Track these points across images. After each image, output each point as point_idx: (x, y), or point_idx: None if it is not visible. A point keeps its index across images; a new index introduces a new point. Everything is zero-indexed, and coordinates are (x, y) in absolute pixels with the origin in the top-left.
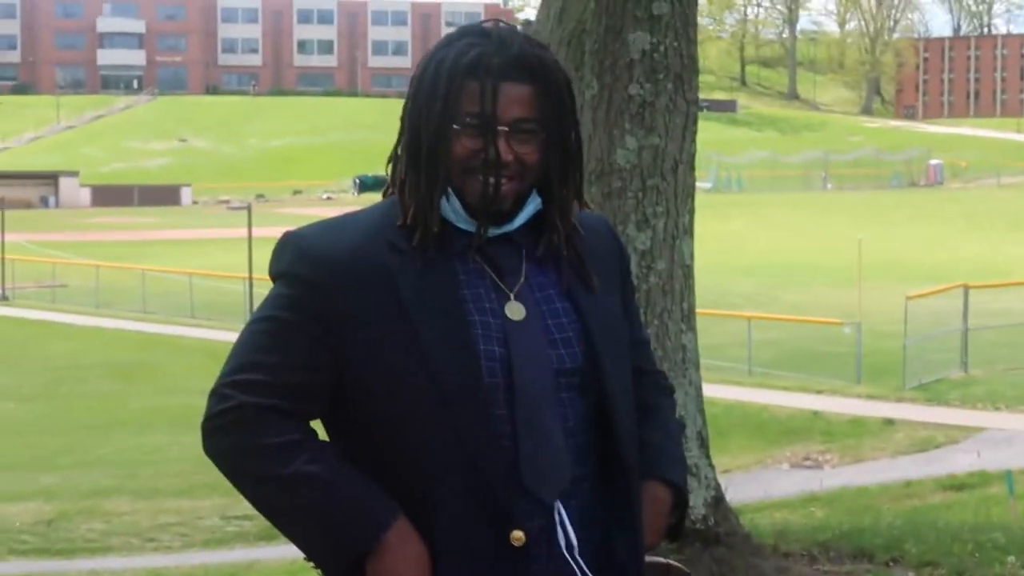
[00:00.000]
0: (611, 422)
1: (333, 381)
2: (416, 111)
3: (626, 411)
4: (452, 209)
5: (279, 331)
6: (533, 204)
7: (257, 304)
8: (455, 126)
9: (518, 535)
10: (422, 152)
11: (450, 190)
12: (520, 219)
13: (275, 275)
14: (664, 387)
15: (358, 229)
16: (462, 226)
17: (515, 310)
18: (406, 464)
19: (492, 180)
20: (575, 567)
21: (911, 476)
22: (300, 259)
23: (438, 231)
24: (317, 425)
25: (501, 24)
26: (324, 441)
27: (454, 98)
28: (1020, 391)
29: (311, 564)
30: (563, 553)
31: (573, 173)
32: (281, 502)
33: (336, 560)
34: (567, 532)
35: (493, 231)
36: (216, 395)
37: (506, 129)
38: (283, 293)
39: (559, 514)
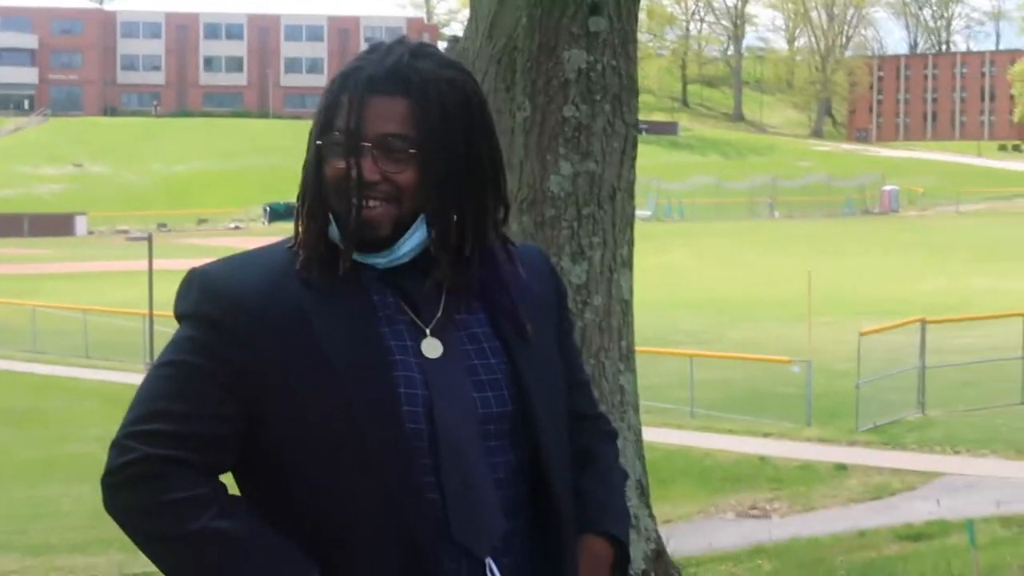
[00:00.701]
0: (545, 473)
1: (244, 430)
2: (310, 140)
3: (561, 461)
4: (331, 232)
5: (185, 377)
6: (422, 231)
7: (159, 344)
8: (319, 142)
9: None
10: (303, 176)
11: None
12: (406, 247)
13: (180, 316)
14: (606, 432)
15: (269, 264)
16: (357, 257)
17: (431, 347)
18: (325, 518)
19: (355, 201)
20: None
21: (865, 525)
22: (207, 298)
23: (322, 258)
24: (227, 479)
25: (407, 40)
26: (235, 496)
27: (327, 116)
28: (981, 433)
29: None
30: None
31: (471, 197)
32: (187, 563)
33: None
34: None
35: (379, 260)
36: (117, 447)
37: (368, 145)
38: (189, 335)
39: (491, 571)
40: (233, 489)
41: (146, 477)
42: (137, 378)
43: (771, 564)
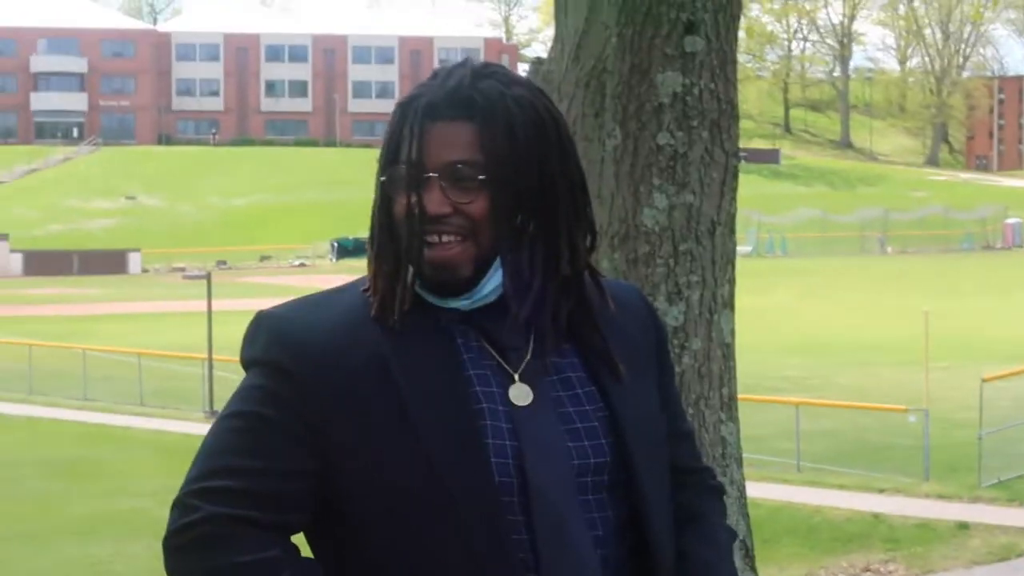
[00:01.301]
0: (646, 531)
1: (318, 488)
2: (378, 176)
3: (663, 518)
4: (419, 283)
5: (254, 430)
6: (495, 278)
7: (219, 391)
8: (383, 178)
9: None
10: (372, 215)
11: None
12: (488, 286)
13: (248, 363)
14: (712, 487)
15: (343, 308)
16: (435, 301)
17: (520, 394)
18: None
19: (416, 239)
20: None
21: None
22: (277, 344)
23: (407, 309)
24: (299, 540)
25: (470, 61)
26: (309, 559)
27: (391, 149)
28: None
29: None
30: None
31: (550, 225)
32: None
33: None
34: None
35: (461, 303)
36: (180, 506)
37: (434, 176)
38: (258, 384)
39: None
40: (305, 552)
41: (212, 539)
42: (195, 427)
43: None
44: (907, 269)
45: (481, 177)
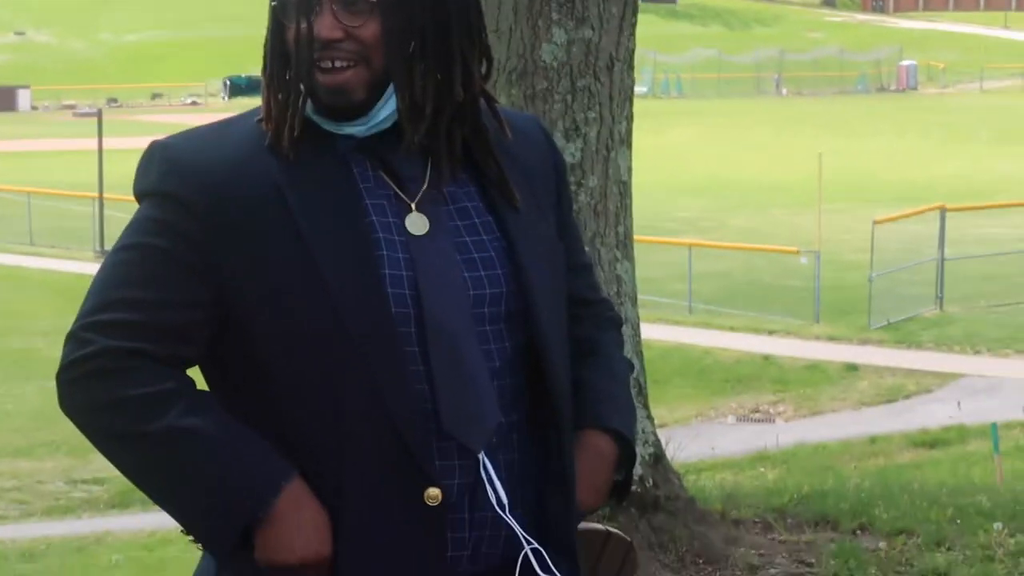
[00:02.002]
0: (543, 361)
1: (214, 318)
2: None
3: (560, 349)
4: (312, 108)
5: (148, 261)
6: (388, 106)
7: (110, 230)
8: (274, 3)
9: (434, 493)
10: (264, 44)
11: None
12: (384, 111)
13: (141, 194)
14: (610, 319)
15: (238, 137)
16: (329, 127)
17: (416, 223)
18: (304, 414)
19: (308, 64)
20: (510, 524)
21: (877, 431)
22: (171, 174)
23: (301, 136)
24: (195, 373)
25: None
26: (204, 391)
27: None
28: (1004, 331)
29: (190, 537)
30: (490, 513)
31: (443, 50)
32: (152, 464)
33: (219, 531)
34: (496, 488)
35: (356, 128)
36: (73, 339)
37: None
38: (152, 216)
39: (485, 468)
40: (201, 385)
41: (106, 372)
42: (86, 267)
43: (775, 472)
44: (802, 111)
45: (373, 0)
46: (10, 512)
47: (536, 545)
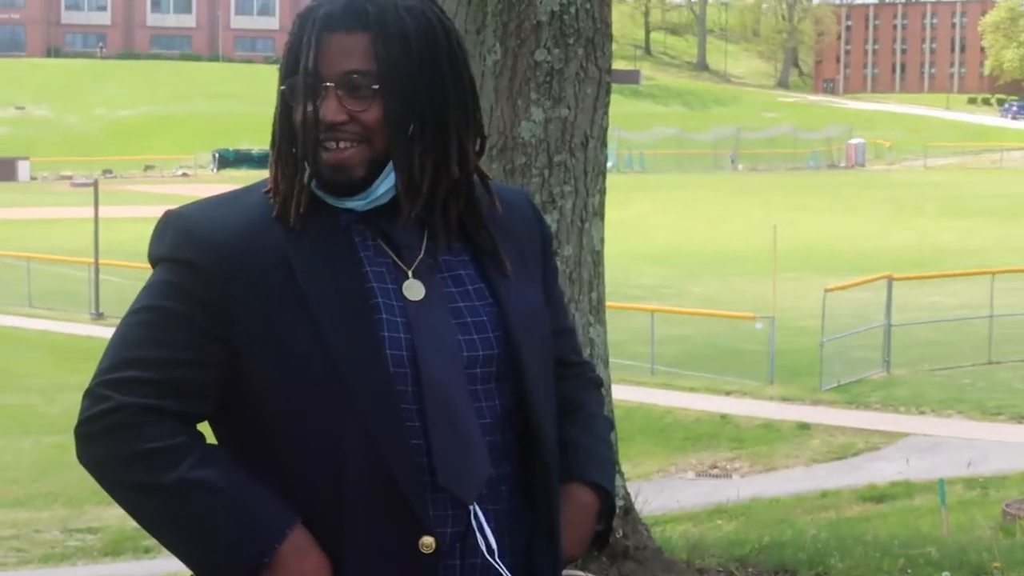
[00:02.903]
0: (531, 419)
1: (224, 377)
2: (280, 86)
3: (548, 407)
4: (316, 184)
5: (162, 322)
6: (387, 181)
7: (105, 293)
8: (282, 87)
9: (428, 541)
10: (273, 123)
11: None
12: (382, 187)
13: (156, 259)
14: (591, 379)
15: (247, 207)
16: (330, 201)
17: (413, 289)
18: (305, 468)
19: (313, 144)
20: (499, 570)
21: (828, 486)
22: (184, 241)
23: (306, 210)
24: (205, 429)
25: None
26: (214, 445)
27: (290, 59)
28: (947, 393)
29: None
30: (480, 560)
31: (441, 130)
32: (163, 513)
33: (227, 574)
34: (487, 536)
35: (356, 203)
36: (90, 396)
37: (331, 85)
38: (165, 280)
39: (476, 518)
40: (211, 440)
41: (121, 427)
42: (82, 328)
43: (731, 524)
44: (757, 185)
45: (375, 86)
46: (8, 559)
47: None
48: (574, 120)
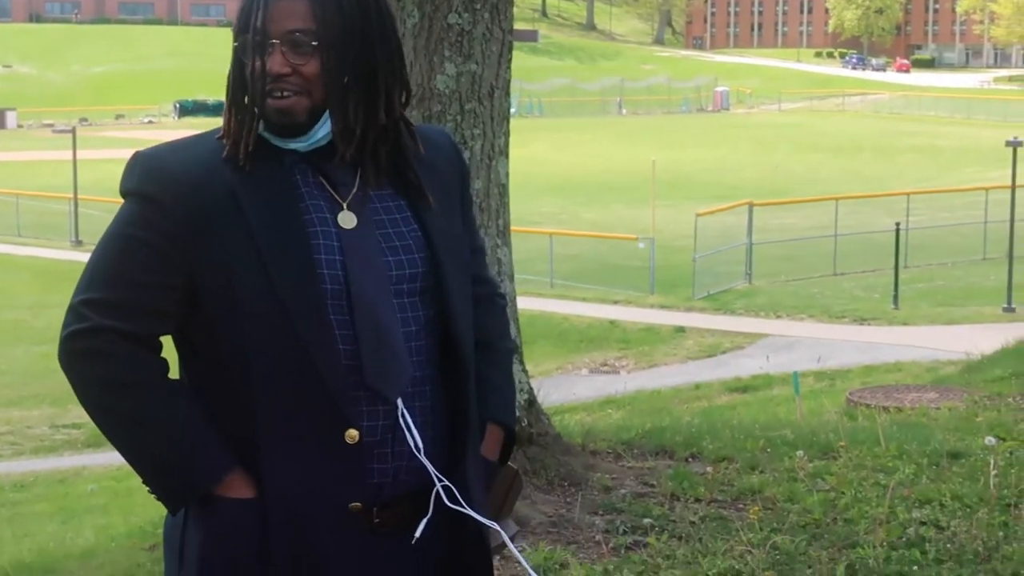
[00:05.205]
0: (451, 327)
1: (183, 299)
2: (234, 42)
3: (465, 317)
4: (264, 127)
5: (130, 248)
6: (325, 126)
7: (83, 224)
8: (235, 44)
9: (352, 434)
10: (228, 75)
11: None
12: (321, 132)
13: (125, 192)
14: (501, 307)
15: (203, 150)
16: (277, 143)
17: (346, 219)
18: (250, 370)
19: (261, 92)
20: (424, 465)
21: (700, 379)
22: (148, 178)
23: (254, 151)
24: (168, 343)
25: None
26: (175, 381)
27: (242, 20)
28: (799, 300)
29: (148, 490)
30: (407, 448)
31: (370, 82)
32: (124, 438)
33: (171, 502)
34: (411, 431)
35: (299, 145)
36: (72, 312)
37: (276, 42)
38: (133, 211)
39: (403, 414)
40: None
41: (97, 353)
42: (64, 254)
43: (620, 413)
44: (638, 127)
45: (314, 43)
46: (4, 452)
47: (446, 482)
48: (481, 74)
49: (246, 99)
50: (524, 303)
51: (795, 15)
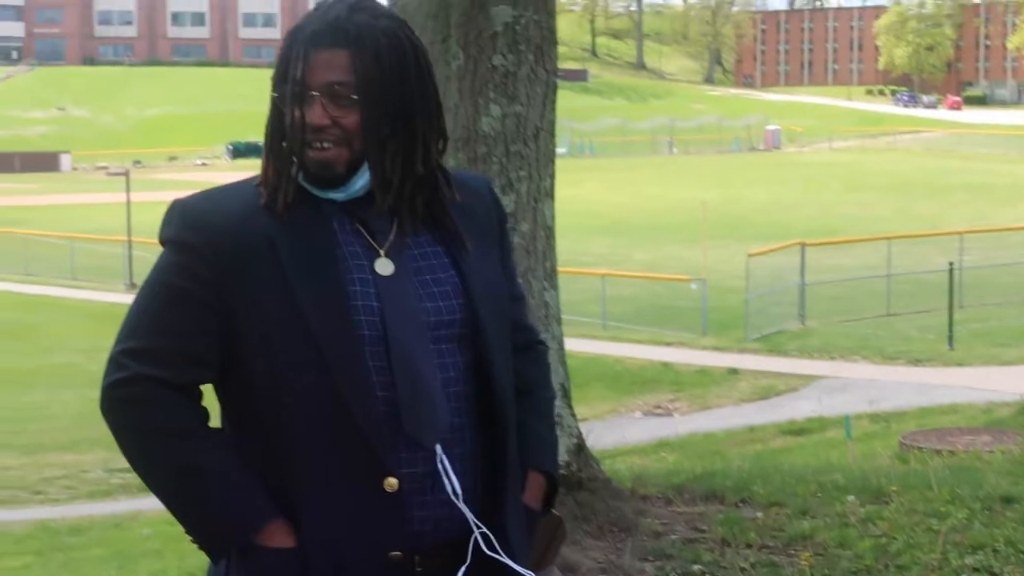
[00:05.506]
0: (489, 373)
1: (223, 345)
2: (272, 92)
3: (503, 363)
4: (303, 177)
5: (169, 296)
6: (364, 175)
7: (137, 267)
8: (275, 94)
9: (391, 482)
10: (267, 123)
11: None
12: (359, 183)
13: (163, 241)
14: (541, 353)
15: (241, 196)
16: (317, 193)
17: (383, 266)
18: (287, 421)
19: (300, 143)
20: (462, 511)
21: (754, 422)
22: (185, 226)
23: (293, 199)
24: (208, 390)
25: None
26: (216, 430)
27: (282, 70)
28: (853, 341)
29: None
30: (448, 499)
31: (409, 133)
32: (164, 487)
33: (212, 552)
34: (450, 478)
35: (337, 195)
36: (112, 362)
37: (316, 94)
38: (171, 259)
39: (442, 460)
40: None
41: (137, 401)
42: (118, 297)
43: (673, 456)
44: (689, 166)
45: (354, 96)
46: (59, 496)
47: (484, 530)
48: (526, 115)
49: (285, 149)
50: (577, 345)
51: (845, 52)
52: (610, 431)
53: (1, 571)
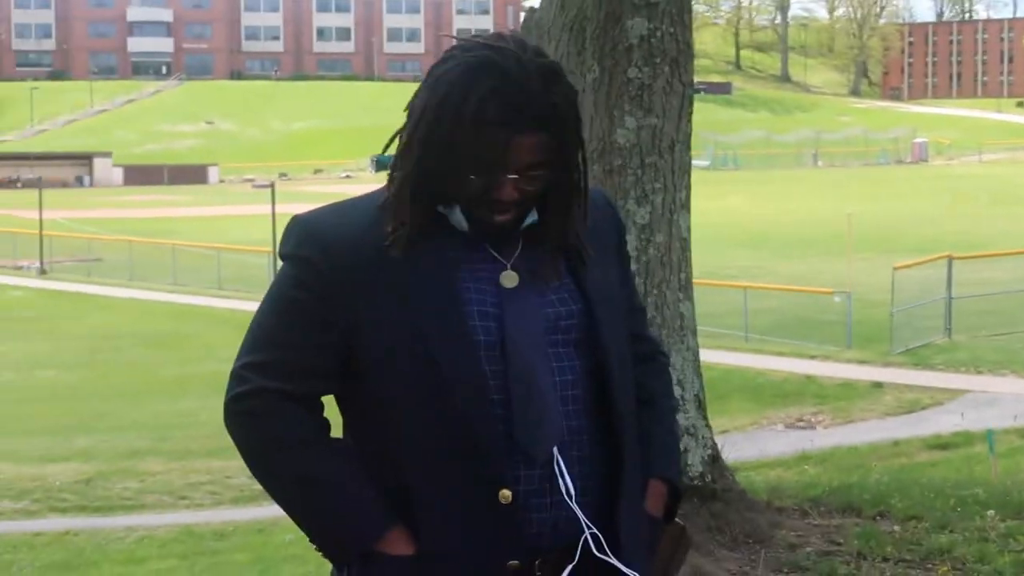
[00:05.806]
0: (607, 379)
1: (341, 357)
2: (428, 142)
3: (622, 369)
4: (454, 218)
5: (289, 310)
6: (533, 214)
7: None
8: (435, 137)
9: (506, 494)
10: (409, 156)
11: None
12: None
13: (283, 256)
14: (663, 365)
15: (362, 212)
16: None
17: (509, 278)
18: (402, 431)
19: (486, 211)
20: (576, 513)
21: (899, 436)
22: (304, 240)
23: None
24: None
25: (508, 39)
26: (335, 440)
27: (467, 146)
28: (1001, 355)
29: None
30: (566, 502)
31: (576, 198)
32: (286, 497)
33: (335, 558)
34: (565, 479)
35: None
36: (235, 377)
37: (516, 177)
38: (290, 274)
39: (558, 462)
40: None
41: (259, 414)
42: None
43: (815, 469)
44: (834, 179)
45: (547, 172)
46: (204, 501)
47: (595, 530)
48: (662, 127)
49: (433, 192)
50: (718, 357)
51: (995, 64)
52: (751, 443)
53: (147, 574)
